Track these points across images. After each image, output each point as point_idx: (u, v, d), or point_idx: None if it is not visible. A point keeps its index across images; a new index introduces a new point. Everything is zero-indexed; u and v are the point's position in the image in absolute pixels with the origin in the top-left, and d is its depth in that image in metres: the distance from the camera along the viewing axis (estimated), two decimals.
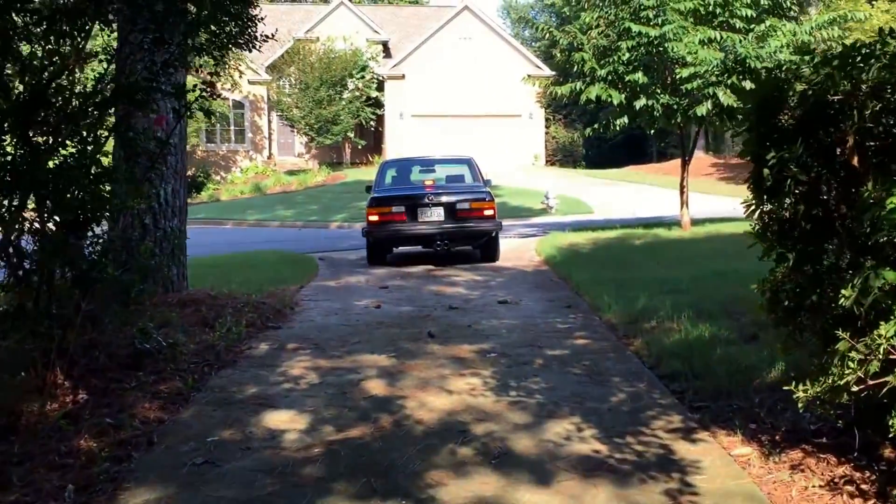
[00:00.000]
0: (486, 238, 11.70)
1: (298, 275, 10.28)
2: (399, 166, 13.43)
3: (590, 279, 9.07)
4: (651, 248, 11.80)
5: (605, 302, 7.71)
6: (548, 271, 10.57)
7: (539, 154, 43.69)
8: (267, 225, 25.62)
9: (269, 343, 6.70)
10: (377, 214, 11.38)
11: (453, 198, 11.47)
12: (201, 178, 41.93)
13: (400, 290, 9.19)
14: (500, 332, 6.90)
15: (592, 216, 24.05)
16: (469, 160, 12.96)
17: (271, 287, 9.10)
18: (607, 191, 30.54)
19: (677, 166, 39.65)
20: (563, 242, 13.19)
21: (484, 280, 9.86)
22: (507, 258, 12.14)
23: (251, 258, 12.22)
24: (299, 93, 37.81)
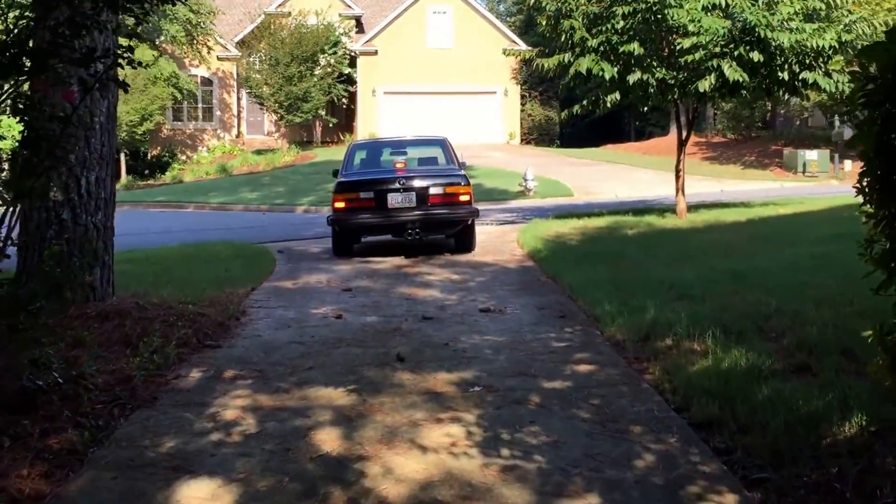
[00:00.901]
0: (461, 226, 10.51)
1: (251, 273, 9.02)
2: (369, 148, 12.20)
3: (583, 280, 7.90)
4: (646, 239, 10.66)
5: (605, 311, 6.55)
6: (533, 268, 9.40)
7: (515, 132, 42.51)
8: (230, 209, 24.26)
9: (203, 369, 5.46)
10: (343, 201, 10.14)
11: (426, 182, 10.26)
12: (167, 157, 40.38)
13: (366, 294, 7.97)
14: (483, 353, 5.71)
15: (573, 199, 22.97)
16: (443, 141, 11.75)
17: (217, 290, 7.84)
18: (586, 171, 29.44)
19: (657, 146, 39.16)
20: (548, 232, 12.02)
21: (462, 280, 8.66)
22: (487, 251, 10.94)
23: (202, 251, 10.94)
24: (269, 69, 36.23)
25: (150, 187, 32.26)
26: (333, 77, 38.19)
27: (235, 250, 11.02)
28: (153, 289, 7.82)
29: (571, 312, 6.91)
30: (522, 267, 9.51)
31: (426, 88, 41.10)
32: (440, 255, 10.52)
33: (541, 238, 11.33)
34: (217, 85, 42.58)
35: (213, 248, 11.36)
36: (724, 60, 10.41)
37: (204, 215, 22.38)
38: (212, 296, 7.46)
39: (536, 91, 45.78)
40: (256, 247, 11.55)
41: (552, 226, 12.97)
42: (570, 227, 12.68)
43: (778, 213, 13.09)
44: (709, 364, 4.95)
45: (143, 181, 34.88)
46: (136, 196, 28.53)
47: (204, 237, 14.70)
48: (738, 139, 36.12)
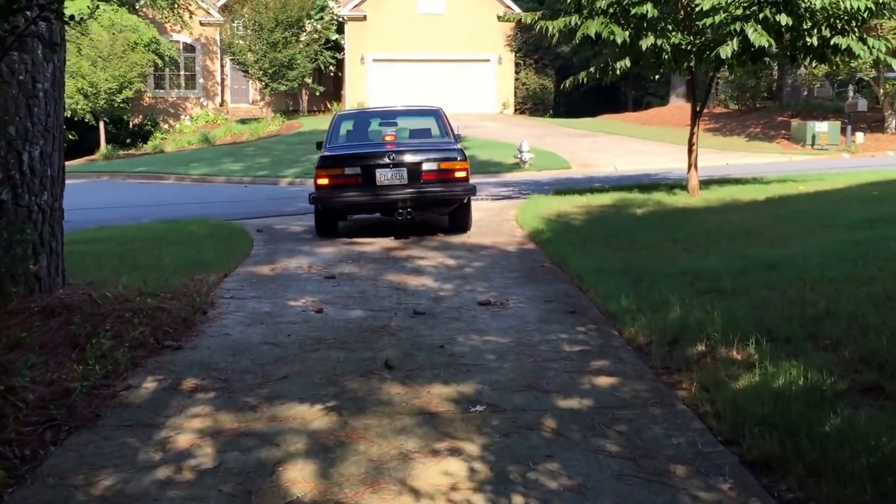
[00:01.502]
0: (456, 205, 9.69)
1: (225, 256, 8.19)
2: (355, 119, 11.25)
3: (592, 267, 7.11)
4: (658, 220, 9.86)
5: (622, 307, 5.77)
6: (535, 252, 8.59)
7: (508, 101, 41.54)
8: (211, 181, 23.30)
9: (159, 377, 4.66)
10: (327, 177, 9.28)
11: (418, 157, 9.41)
12: (148, 126, 39.24)
13: (350, 282, 7.15)
14: (485, 358, 4.93)
15: (571, 172, 22.13)
16: (437, 111, 10.86)
17: (185, 277, 7.02)
18: (583, 143, 28.54)
19: (656, 116, 38.24)
20: (549, 210, 11.21)
21: (457, 265, 7.86)
22: (484, 231, 10.13)
23: (173, 230, 10.08)
24: (253, 35, 35.01)
25: (130, 157, 31.20)
26: (320, 43, 37.04)
27: (210, 229, 10.17)
28: (113, 276, 6.99)
29: (582, 307, 6.12)
30: (523, 250, 8.70)
31: (417, 56, 40.00)
32: (433, 236, 9.71)
33: (542, 217, 10.52)
34: (200, 51, 41.33)
35: (186, 226, 10.50)
36: (747, 24, 9.51)
37: (184, 188, 21.44)
38: (178, 285, 6.63)
39: (531, 59, 44.59)
40: (234, 225, 10.70)
41: (553, 203, 12.15)
42: (573, 204, 11.87)
43: (798, 190, 12.27)
44: (756, 380, 4.18)
45: (125, 151, 33.81)
46: (116, 166, 27.51)
47: (180, 213, 13.84)
48: (741, 110, 35.17)
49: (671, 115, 37.54)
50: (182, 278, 6.97)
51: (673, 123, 35.41)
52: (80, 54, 30.96)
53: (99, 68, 31.14)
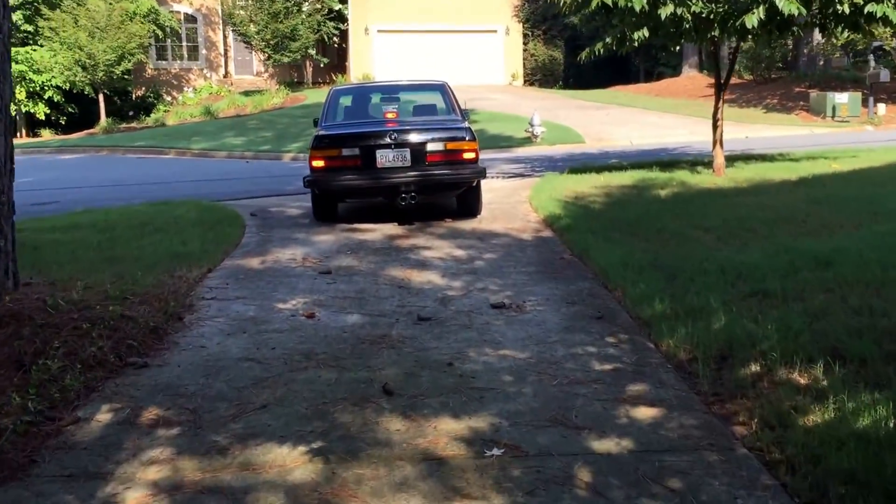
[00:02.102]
0: (464, 188, 8.91)
1: (212, 246, 7.45)
2: (354, 94, 10.40)
3: (618, 260, 6.35)
4: (684, 202, 9.07)
5: (656, 312, 5.03)
6: (552, 241, 7.82)
7: (517, 73, 40.56)
8: (212, 155, 22.57)
9: (115, 407, 3.95)
10: (322, 159, 8.50)
11: (423, 136, 8.61)
12: (151, 98, 38.46)
13: (348, 277, 6.41)
14: (501, 380, 4.20)
15: (584, 147, 21.29)
16: (442, 86, 10.03)
17: (164, 273, 6.30)
18: (596, 115, 27.63)
19: (669, 87, 37.18)
20: (565, 192, 10.42)
21: (467, 257, 7.10)
22: (495, 215, 9.37)
23: (160, 215, 9.34)
24: (254, 5, 34.04)
25: (131, 130, 30.42)
26: (323, 14, 36.06)
27: (200, 213, 9.42)
28: (84, 271, 6.28)
29: (610, 311, 5.37)
30: (539, 238, 7.94)
31: (423, 27, 38.97)
32: (440, 222, 8.95)
33: (558, 199, 9.74)
34: (202, 22, 40.39)
35: (175, 209, 9.75)
36: None
37: (183, 163, 20.70)
38: (154, 283, 5.90)
39: (539, 30, 43.50)
40: (227, 208, 9.94)
41: (568, 183, 11.36)
42: (590, 184, 11.07)
43: (832, 169, 11.43)
44: (831, 415, 3.44)
45: (126, 124, 33.05)
46: (115, 140, 26.78)
47: (175, 192, 13.14)
48: (757, 80, 34.14)
49: (684, 85, 36.55)
50: (160, 274, 6.25)
51: (687, 95, 34.45)
52: (77, 25, 30.11)
53: (97, 39, 30.28)
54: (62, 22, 30.00)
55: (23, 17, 32.19)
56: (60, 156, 24.67)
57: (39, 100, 33.41)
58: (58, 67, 30.79)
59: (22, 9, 32.13)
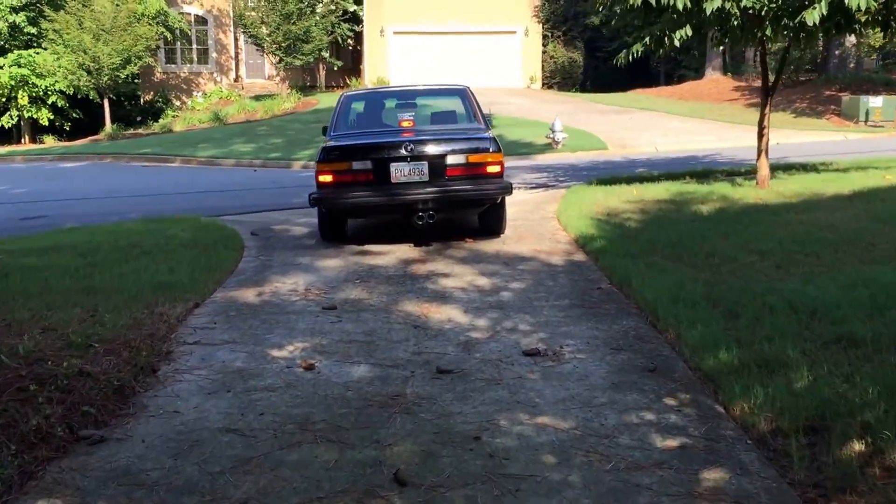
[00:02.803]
0: (488, 205, 8.07)
1: (203, 274, 6.64)
2: (366, 100, 9.51)
3: (667, 294, 5.49)
4: (731, 221, 8.18)
5: (722, 364, 4.18)
6: (587, 266, 6.96)
7: (535, 75, 39.70)
8: (219, 164, 21.83)
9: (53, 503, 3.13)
10: (331, 173, 7.66)
11: (442, 147, 7.77)
12: (160, 103, 37.84)
13: (356, 314, 5.57)
14: (541, 462, 3.36)
15: (608, 154, 20.43)
16: (463, 91, 9.18)
17: (143, 308, 5.50)
18: (618, 120, 26.73)
19: (692, 90, 36.13)
20: (595, 207, 9.57)
21: (491, 287, 6.26)
22: (520, 234, 8.52)
23: (151, 234, 8.55)
24: (266, 6, 33.29)
25: (136, 136, 29.73)
26: (337, 15, 35.30)
27: (195, 233, 8.62)
28: (51, 307, 5.48)
29: (664, 360, 4.51)
30: (572, 263, 7.08)
31: (440, 28, 38.18)
32: (460, 242, 8.11)
33: (588, 216, 8.89)
34: (212, 24, 39.74)
35: (168, 228, 8.96)
36: None
37: (188, 172, 19.96)
38: (128, 323, 5.09)
39: (559, 31, 42.61)
40: (225, 228, 9.11)
41: (598, 196, 10.49)
42: (622, 198, 10.20)
43: (887, 181, 10.50)
44: None
45: (133, 129, 32.38)
46: (120, 147, 26.07)
47: (174, 205, 12.39)
48: (784, 83, 33.09)
49: (708, 89, 35.58)
50: (139, 310, 5.45)
51: (711, 98, 33.51)
52: (81, 27, 29.31)
53: (101, 42, 29.50)
54: (66, 24, 29.23)
55: (26, 18, 31.41)
56: (62, 164, 23.99)
57: (43, 105, 32.63)
58: (61, 71, 29.99)
59: (25, 10, 31.42)
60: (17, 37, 32.10)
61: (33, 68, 30.94)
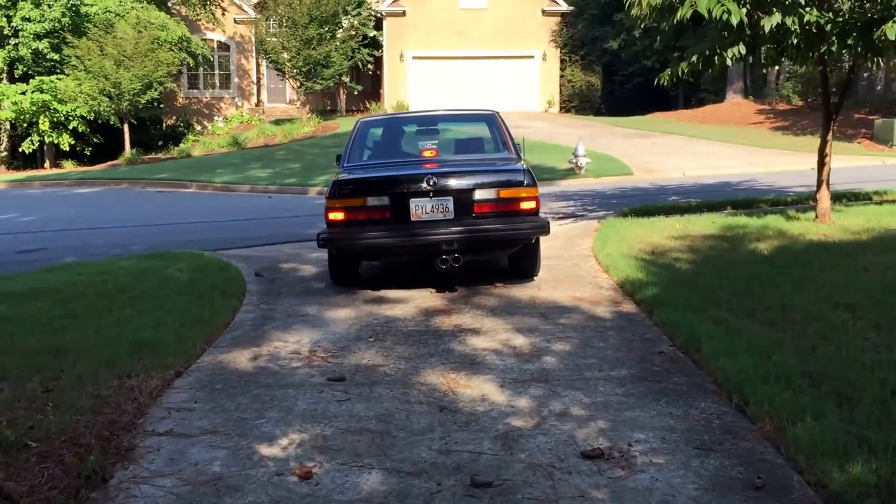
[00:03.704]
0: (520, 246, 7.05)
1: (193, 329, 5.66)
2: (385, 127, 8.50)
3: (752, 366, 4.45)
4: (798, 263, 7.10)
5: (855, 483, 3.13)
6: (640, 320, 5.92)
7: (553, 99, 38.86)
8: (235, 189, 21.05)
9: None
10: (342, 210, 6.67)
11: (469, 181, 6.75)
12: (181, 128, 37.38)
13: (368, 389, 4.56)
14: None
15: (634, 180, 19.42)
16: (492, 116, 8.20)
17: (113, 378, 4.53)
18: (640, 144, 25.75)
19: (714, 113, 35.09)
20: (636, 243, 8.55)
21: (530, 348, 5.24)
22: (555, 276, 7.50)
23: (147, 274, 7.61)
24: (286, 32, 32.69)
25: (155, 161, 29.06)
26: (357, 40, 34.65)
27: (193, 273, 7.66)
28: (5, 378, 4.53)
29: (771, 470, 3.45)
30: (621, 316, 6.04)
31: (459, 52, 37.52)
32: (488, 287, 7.11)
33: (630, 255, 7.87)
34: (234, 50, 39.31)
35: (166, 266, 8.02)
36: None
37: (202, 199, 19.14)
38: (86, 405, 4.11)
39: (577, 55, 41.74)
40: (227, 268, 8.12)
41: (637, 230, 9.48)
42: (665, 232, 9.18)
43: None
44: None
45: (151, 154, 31.84)
46: (138, 172, 25.39)
47: (181, 236, 11.57)
48: (811, 105, 32.02)
49: (730, 112, 34.55)
50: (108, 381, 4.48)
51: (733, 122, 32.48)
52: (103, 53, 28.95)
53: (123, 68, 29.14)
54: (88, 50, 28.90)
55: (49, 45, 31.20)
56: (78, 189, 23.32)
57: (64, 130, 32.40)
58: (83, 97, 29.65)
59: (49, 37, 31.15)
60: (40, 63, 31.86)
61: (55, 94, 30.80)
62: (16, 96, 30.97)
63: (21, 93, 31.17)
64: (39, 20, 30.81)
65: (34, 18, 30.89)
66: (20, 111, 31.08)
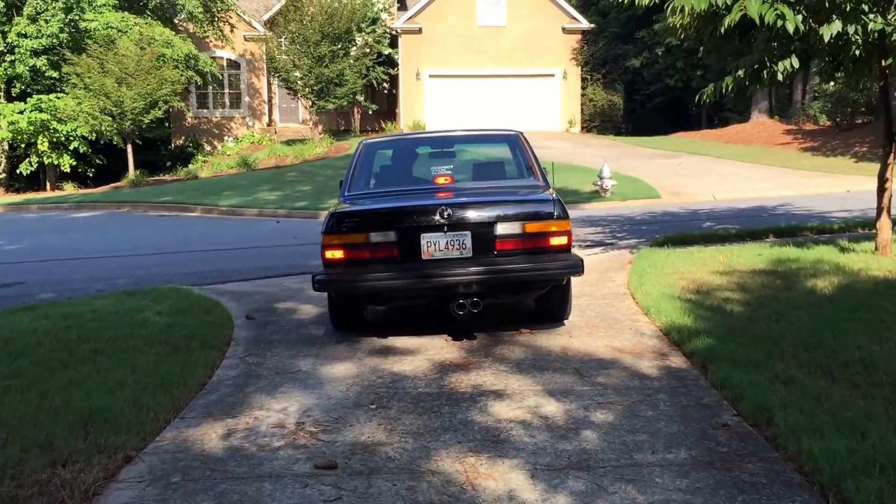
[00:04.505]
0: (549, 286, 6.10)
1: (158, 394, 4.75)
2: (393, 150, 7.44)
3: (846, 449, 3.51)
4: (868, 306, 6.10)
5: None
6: (693, 379, 4.95)
7: (575, 119, 38.00)
8: (241, 213, 20.26)
9: None
10: (341, 248, 5.76)
11: (491, 212, 5.82)
12: (191, 148, 36.76)
13: (364, 486, 3.61)
14: None
15: (662, 203, 18.47)
16: (515, 138, 7.29)
17: (45, 467, 3.64)
18: (666, 165, 24.82)
19: (740, 133, 34.06)
20: (677, 279, 7.61)
21: (565, 418, 4.30)
22: (588, 319, 6.57)
23: (118, 321, 6.71)
24: (297, 49, 32.00)
25: (160, 183, 28.35)
26: (371, 58, 33.93)
27: (174, 316, 6.77)
28: None
29: None
30: (670, 373, 5.08)
31: (477, 71, 36.79)
32: (511, 332, 6.19)
33: (672, 294, 6.92)
34: (245, 68, 38.71)
35: (146, 307, 7.14)
36: None
37: (205, 223, 18.33)
38: None
39: (598, 73, 40.92)
40: (216, 308, 7.23)
41: (676, 263, 8.53)
42: (707, 266, 8.22)
43: None
44: None
45: (158, 176, 31.09)
46: (141, 195, 24.66)
47: (173, 268, 10.75)
48: (840, 126, 30.99)
49: (756, 132, 33.57)
50: (37, 473, 3.58)
51: (760, 142, 31.49)
52: (104, 71, 28.10)
53: (125, 86, 28.28)
54: (87, 67, 28.04)
55: (47, 62, 30.40)
56: (77, 213, 22.59)
57: (65, 151, 31.53)
58: (83, 116, 28.76)
59: (47, 54, 30.40)
60: (39, 81, 31.06)
61: (54, 113, 29.81)
62: (13, 115, 30.00)
63: (18, 112, 30.22)
64: (36, 36, 29.87)
65: (31, 34, 29.96)
66: (17, 131, 30.11)
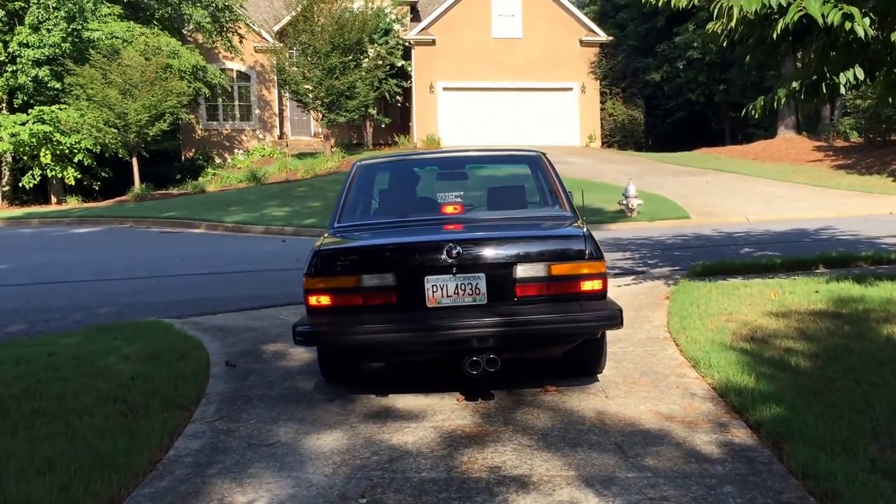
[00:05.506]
0: (580, 339, 5.05)
1: (94, 479, 3.76)
2: (391, 172, 6.42)
3: None
4: None
5: None
6: (765, 461, 3.93)
7: (594, 134, 37.02)
8: (247, 230, 19.38)
9: None
10: (328, 293, 4.74)
11: (509, 250, 4.78)
12: (201, 160, 36.04)
13: None
14: None
15: (692, 224, 17.41)
16: (537, 158, 6.22)
17: None
18: (693, 183, 23.76)
19: (767, 149, 32.84)
20: (724, 321, 6.58)
21: None
22: (626, 373, 5.55)
23: (74, 369, 5.75)
24: (307, 61, 31.21)
25: (166, 197, 27.54)
26: (384, 70, 33.08)
27: (142, 363, 5.80)
28: None
29: None
30: (734, 452, 4.04)
31: (492, 84, 35.93)
32: (535, 391, 5.18)
33: (724, 343, 5.89)
34: (255, 80, 37.98)
35: (114, 350, 6.20)
36: None
37: (208, 241, 17.45)
38: None
39: (618, 87, 39.95)
40: (191, 352, 6.28)
41: (719, 299, 7.51)
42: (757, 305, 7.18)
43: None
44: None
45: (164, 189, 30.31)
46: (145, 210, 23.84)
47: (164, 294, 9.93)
48: (874, 142, 29.86)
49: (783, 149, 32.46)
50: None
51: (789, 159, 30.38)
52: (107, 81, 27.26)
53: (129, 97, 27.48)
54: (90, 78, 27.27)
55: (50, 73, 29.69)
56: (78, 228, 21.78)
57: (69, 163, 30.74)
58: (86, 128, 27.99)
59: (50, 64, 29.68)
60: (42, 92, 30.37)
61: (57, 125, 29.07)
62: (14, 127, 29.23)
63: (21, 123, 29.43)
64: (38, 45, 29.16)
65: (32, 44, 29.25)
66: (19, 143, 29.31)
